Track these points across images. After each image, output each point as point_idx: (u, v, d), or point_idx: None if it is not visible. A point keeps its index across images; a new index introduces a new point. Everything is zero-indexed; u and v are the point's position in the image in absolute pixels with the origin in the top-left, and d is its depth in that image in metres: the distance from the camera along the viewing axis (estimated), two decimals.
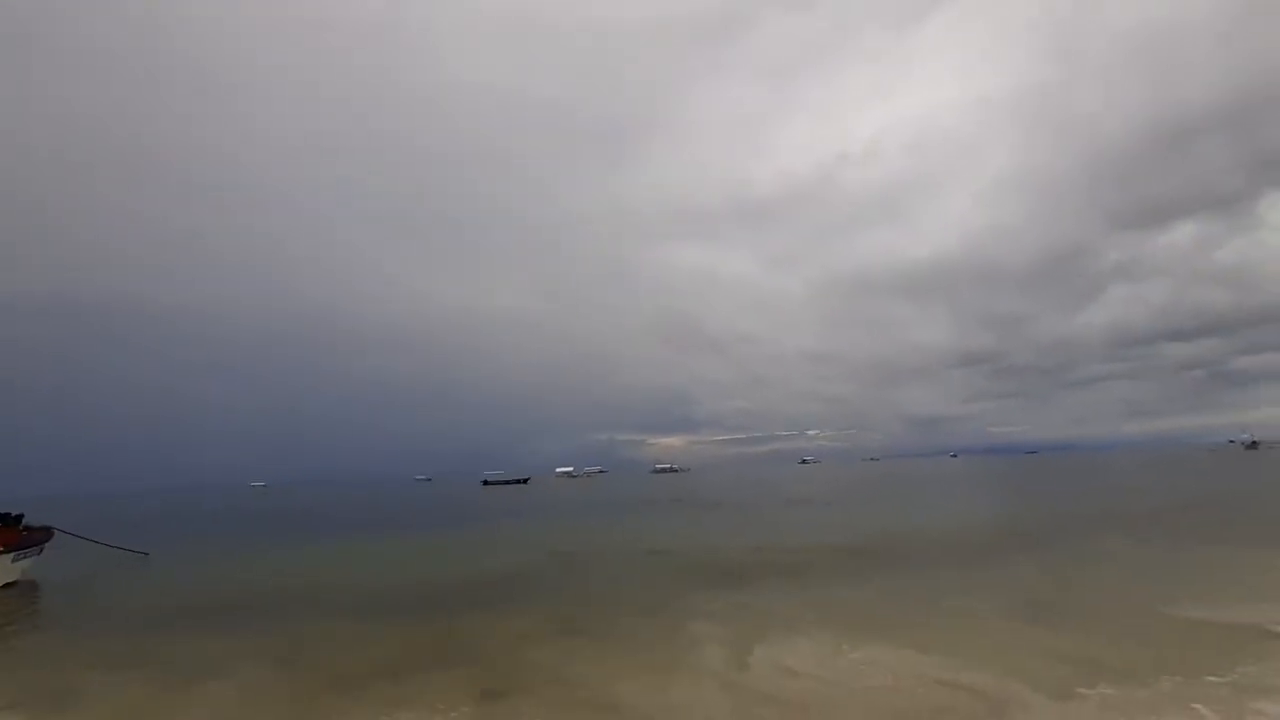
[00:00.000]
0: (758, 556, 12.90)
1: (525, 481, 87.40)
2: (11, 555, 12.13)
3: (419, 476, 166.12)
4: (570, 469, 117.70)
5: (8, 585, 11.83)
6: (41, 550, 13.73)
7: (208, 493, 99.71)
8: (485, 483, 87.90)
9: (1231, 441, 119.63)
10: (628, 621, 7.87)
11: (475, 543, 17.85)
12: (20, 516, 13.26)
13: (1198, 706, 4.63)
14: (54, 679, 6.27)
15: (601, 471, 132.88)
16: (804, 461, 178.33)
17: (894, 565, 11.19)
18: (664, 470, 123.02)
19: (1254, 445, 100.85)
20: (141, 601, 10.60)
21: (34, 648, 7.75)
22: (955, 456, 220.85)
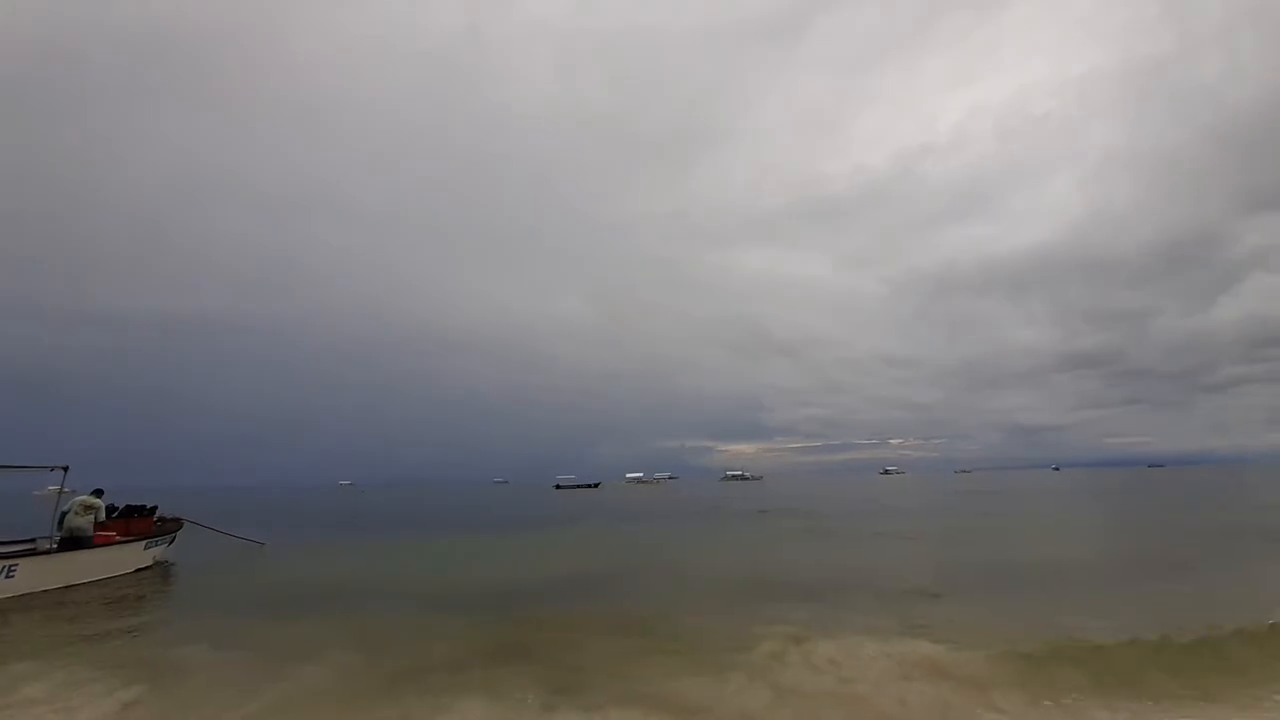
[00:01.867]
0: (831, 570, 12.29)
1: (596, 486, 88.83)
2: (144, 543, 13.44)
3: (496, 479, 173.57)
4: (640, 474, 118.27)
5: (142, 570, 13.23)
6: (174, 539, 15.14)
7: (300, 490, 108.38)
8: (558, 486, 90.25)
9: None
10: (693, 627, 7.69)
11: (547, 544, 18.24)
12: (155, 508, 14.84)
13: None
14: (165, 653, 6.92)
15: (671, 478, 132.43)
16: (886, 471, 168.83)
17: (974, 587, 10.27)
18: (735, 477, 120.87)
19: None
20: (250, 587, 11.58)
21: (152, 625, 8.59)
22: (1057, 469, 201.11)
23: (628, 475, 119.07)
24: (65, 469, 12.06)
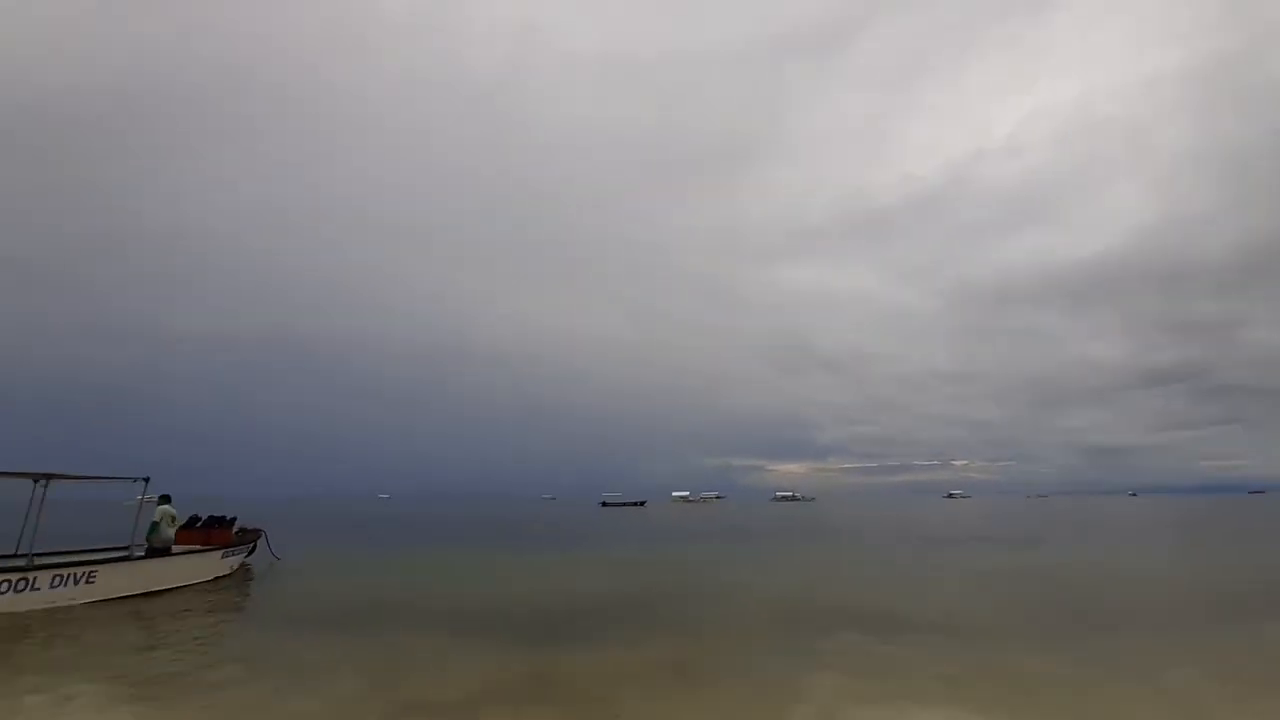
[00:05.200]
0: (899, 603, 10.98)
1: (642, 504, 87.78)
2: (222, 552, 13.92)
3: (545, 495, 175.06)
4: (686, 493, 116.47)
5: (220, 578, 13.60)
6: (253, 549, 15.72)
7: (340, 501, 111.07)
8: (604, 504, 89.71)
9: None
10: (742, 666, 6.78)
11: (589, 564, 17.50)
12: (234, 519, 15.35)
13: None
14: (181, 671, 6.65)
15: (719, 497, 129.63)
16: (950, 495, 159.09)
17: (1069, 629, 8.83)
18: (785, 498, 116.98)
19: None
20: (278, 604, 11.41)
21: (191, 638, 8.42)
22: (1134, 495, 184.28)
23: (674, 494, 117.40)
24: (146, 480, 12.45)
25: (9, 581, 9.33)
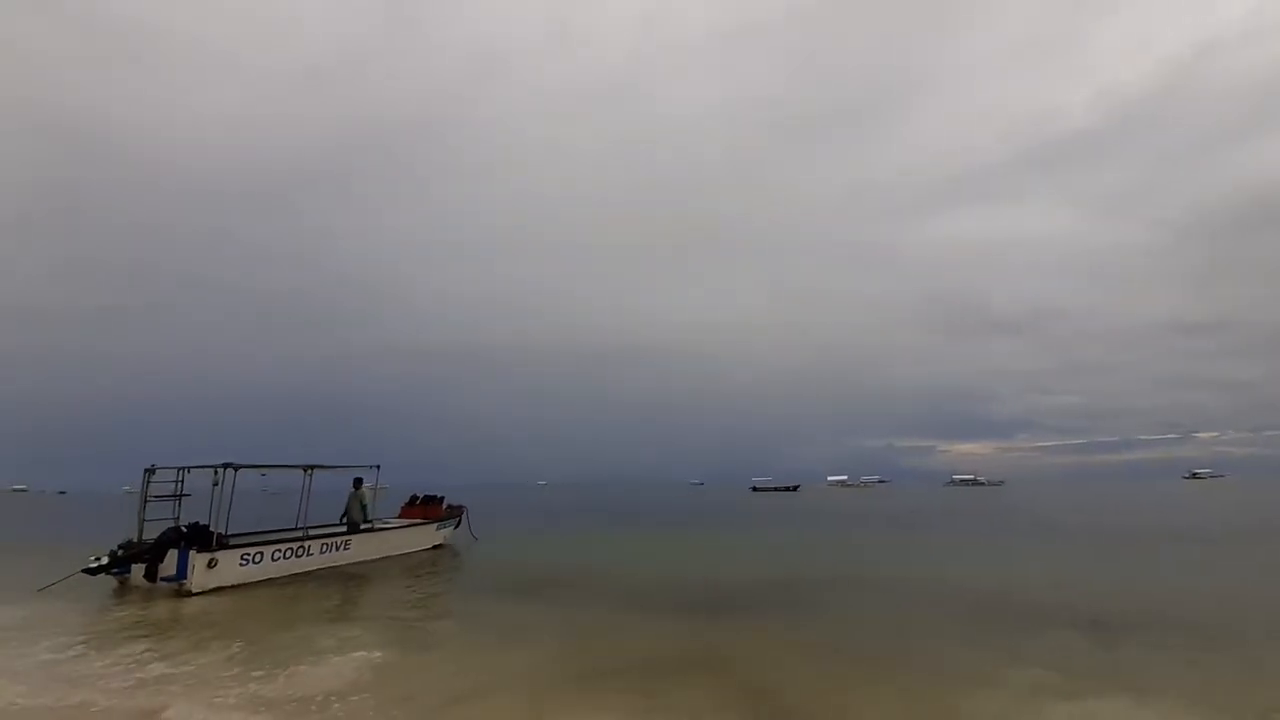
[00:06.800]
0: (1113, 602, 9.46)
1: (795, 489, 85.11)
2: (436, 525, 16.67)
3: (693, 481, 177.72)
4: (844, 477, 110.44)
5: (436, 546, 16.39)
6: (459, 523, 18.15)
7: (505, 487, 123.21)
8: (754, 489, 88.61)
9: None
10: (916, 655, 6.46)
11: (748, 548, 17.65)
12: (443, 498, 18.26)
13: None
14: (420, 624, 8.19)
15: (881, 481, 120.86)
16: (1194, 475, 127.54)
17: None
18: (964, 482, 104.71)
19: None
20: (490, 571, 13.41)
21: (420, 597, 10.27)
22: None
23: (830, 478, 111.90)
24: (377, 467, 15.32)
25: (292, 549, 12.15)
